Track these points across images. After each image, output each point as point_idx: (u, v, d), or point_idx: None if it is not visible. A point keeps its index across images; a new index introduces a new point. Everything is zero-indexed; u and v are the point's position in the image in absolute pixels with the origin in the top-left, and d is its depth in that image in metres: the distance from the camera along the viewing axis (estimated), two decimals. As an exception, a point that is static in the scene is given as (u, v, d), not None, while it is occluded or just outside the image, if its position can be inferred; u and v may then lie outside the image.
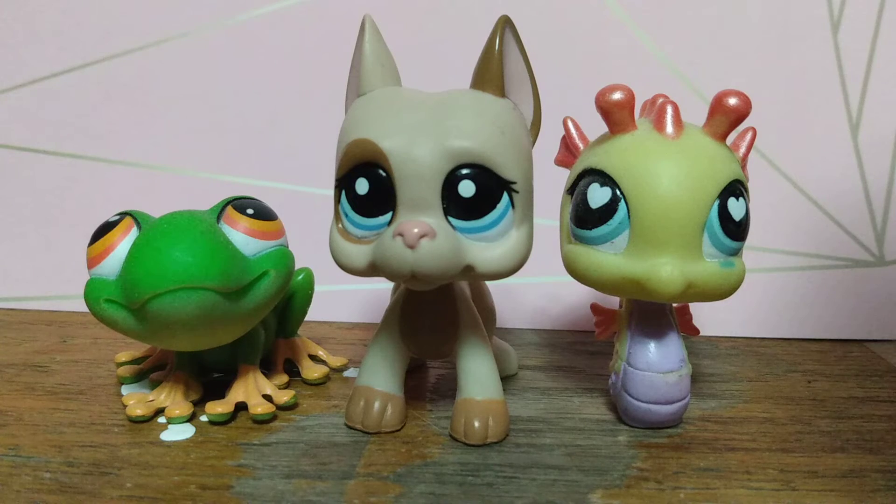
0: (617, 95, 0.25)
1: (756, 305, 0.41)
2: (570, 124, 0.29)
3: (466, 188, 0.24)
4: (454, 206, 0.24)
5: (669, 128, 0.26)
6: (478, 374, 0.27)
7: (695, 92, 0.40)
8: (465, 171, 0.24)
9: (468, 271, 0.25)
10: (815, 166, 0.40)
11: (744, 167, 0.27)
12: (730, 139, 0.27)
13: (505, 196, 0.24)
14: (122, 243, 0.27)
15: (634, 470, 0.25)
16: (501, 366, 0.32)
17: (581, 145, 0.29)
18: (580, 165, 0.27)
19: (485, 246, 0.25)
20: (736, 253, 0.26)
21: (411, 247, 0.23)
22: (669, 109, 0.26)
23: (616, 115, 0.26)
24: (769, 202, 0.40)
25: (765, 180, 0.40)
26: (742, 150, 0.27)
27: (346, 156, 0.25)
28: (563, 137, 0.29)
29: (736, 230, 0.25)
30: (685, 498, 0.23)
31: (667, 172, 0.25)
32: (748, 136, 0.27)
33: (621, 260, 0.25)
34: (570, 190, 0.27)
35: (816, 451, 0.27)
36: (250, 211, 0.28)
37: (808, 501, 0.23)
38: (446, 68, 0.31)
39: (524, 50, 0.26)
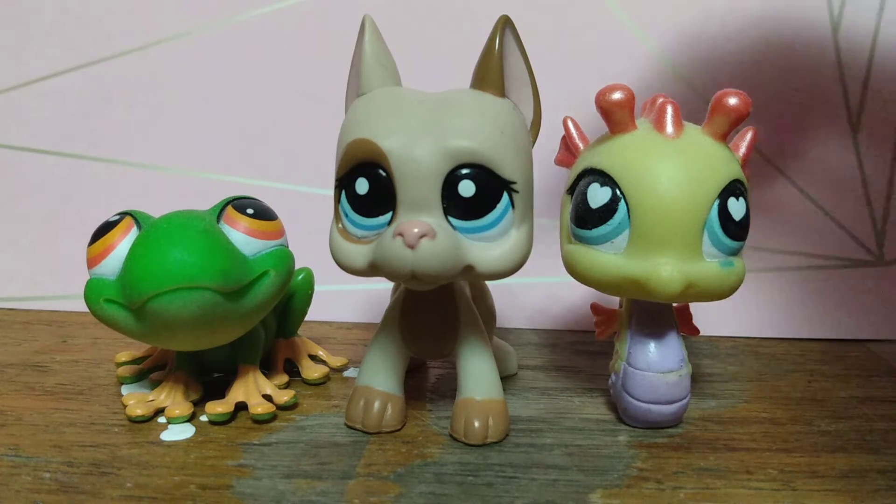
0: (617, 95, 0.25)
1: (756, 305, 0.41)
2: (570, 124, 0.29)
3: (466, 188, 0.24)
4: (454, 206, 0.24)
5: (669, 128, 0.26)
6: (478, 374, 0.27)
7: (695, 92, 0.40)
8: (464, 171, 0.24)
9: (468, 271, 0.25)
10: (815, 166, 0.40)
11: (744, 167, 0.27)
12: (730, 139, 0.27)
13: (505, 196, 0.24)
14: (122, 243, 0.27)
15: (634, 470, 0.25)
16: (501, 366, 0.32)
17: (581, 145, 0.29)
18: (580, 165, 0.27)
19: (485, 246, 0.25)
20: (736, 253, 0.26)
21: (411, 247, 0.23)
22: (669, 109, 0.26)
23: (616, 114, 0.26)
24: (769, 202, 0.40)
25: (765, 180, 0.40)
26: (742, 150, 0.27)
27: (346, 156, 0.25)
28: (563, 137, 0.29)
29: (736, 230, 0.25)
30: (685, 498, 0.23)
31: (667, 172, 0.25)
32: (748, 136, 0.27)
33: (621, 260, 0.25)
34: (570, 190, 0.27)
35: (816, 451, 0.27)
36: (250, 211, 0.28)
37: (808, 501, 0.23)
38: (446, 68, 0.31)
39: (524, 50, 0.26)
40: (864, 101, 0.40)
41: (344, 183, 0.25)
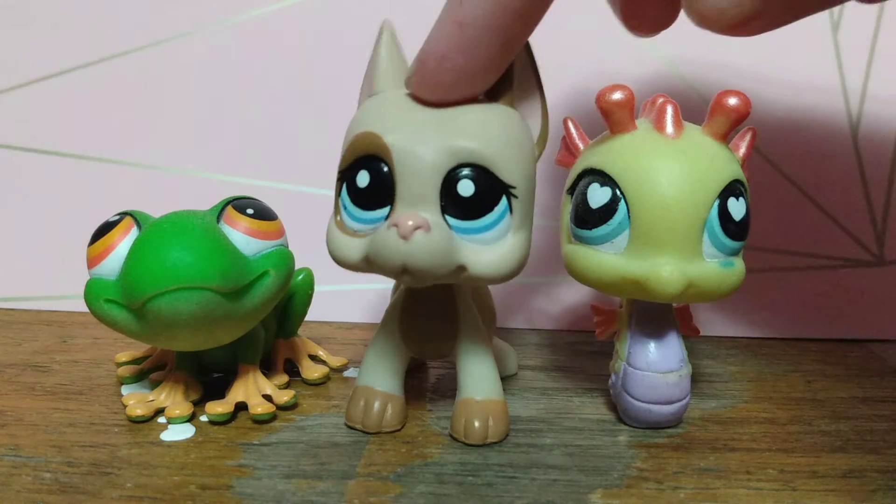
0: (617, 95, 0.25)
1: (756, 305, 0.41)
2: (570, 124, 0.29)
3: (465, 187, 0.24)
4: (452, 205, 0.24)
5: (669, 128, 0.26)
6: (478, 375, 0.27)
7: (695, 92, 0.40)
8: (465, 171, 0.24)
9: (460, 271, 0.24)
10: (815, 166, 0.40)
11: (744, 167, 0.27)
12: (730, 139, 0.27)
13: (503, 200, 0.24)
14: (122, 243, 0.27)
15: (634, 470, 0.25)
16: (501, 366, 0.32)
17: (581, 145, 0.29)
18: (580, 165, 0.27)
19: (479, 248, 0.24)
20: (736, 253, 0.26)
21: (405, 238, 0.23)
22: (669, 109, 0.26)
23: (616, 114, 0.26)
24: (769, 202, 0.40)
25: (765, 180, 0.40)
26: (742, 150, 0.27)
27: (351, 148, 0.25)
28: (563, 137, 0.29)
29: (736, 230, 0.25)
30: (685, 498, 0.23)
31: (666, 172, 0.25)
32: (748, 136, 0.27)
33: (621, 260, 0.25)
34: (570, 190, 0.27)
35: (816, 451, 0.27)
36: (250, 211, 0.28)
37: (808, 501, 0.23)
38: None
39: (536, 65, 0.26)
40: (864, 100, 0.40)
41: (346, 176, 0.25)
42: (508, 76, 0.26)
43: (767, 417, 0.30)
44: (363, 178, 0.25)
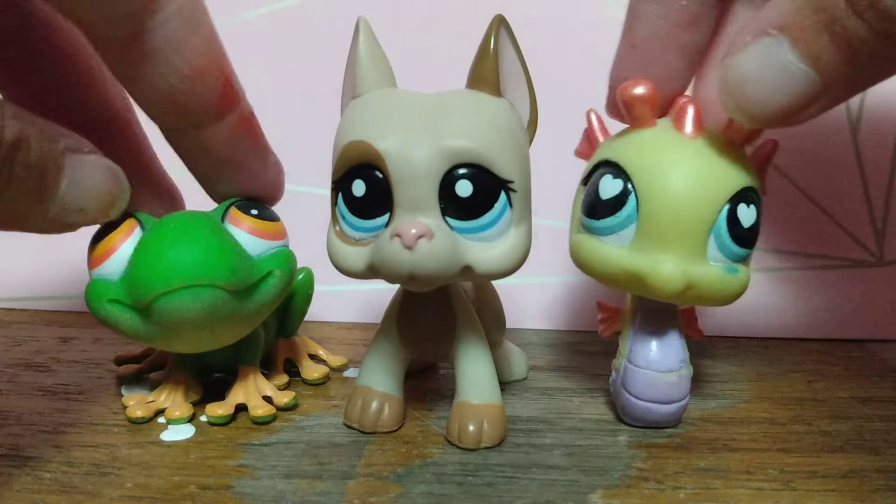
0: (640, 90, 0.25)
1: (756, 305, 0.41)
2: (592, 117, 0.29)
3: (464, 188, 0.24)
4: (452, 207, 0.24)
5: (688, 127, 0.26)
6: (475, 378, 0.27)
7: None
8: (461, 171, 0.24)
9: (467, 271, 0.24)
10: (815, 166, 0.40)
11: (763, 177, 0.27)
12: (751, 148, 0.27)
13: (503, 195, 0.24)
14: (126, 244, 0.27)
15: (634, 470, 0.25)
16: (509, 369, 0.32)
17: (601, 138, 0.29)
18: (597, 157, 0.27)
19: (483, 246, 0.24)
20: (742, 260, 0.26)
21: (409, 248, 0.23)
22: (690, 109, 0.26)
23: (637, 108, 0.26)
24: (769, 202, 0.40)
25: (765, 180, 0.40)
26: (761, 159, 0.27)
27: (342, 158, 0.25)
28: (585, 129, 0.29)
29: (744, 237, 0.25)
30: (685, 498, 0.23)
31: (679, 171, 0.25)
32: (769, 147, 0.27)
33: (625, 253, 0.25)
34: (585, 181, 0.28)
35: (816, 451, 0.27)
36: (254, 211, 0.28)
37: (808, 501, 0.23)
38: (442, 69, 0.31)
39: (519, 49, 0.26)
40: (864, 101, 0.40)
41: (340, 185, 0.25)
42: (493, 61, 0.25)
43: (767, 417, 0.30)
44: (359, 188, 0.24)
